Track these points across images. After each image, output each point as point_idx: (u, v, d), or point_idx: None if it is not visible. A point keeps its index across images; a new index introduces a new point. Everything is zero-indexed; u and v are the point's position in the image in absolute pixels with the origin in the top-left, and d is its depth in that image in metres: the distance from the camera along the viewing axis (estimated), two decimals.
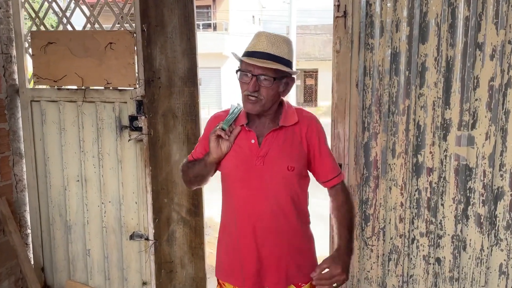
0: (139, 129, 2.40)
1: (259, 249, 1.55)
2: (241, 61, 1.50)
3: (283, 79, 1.52)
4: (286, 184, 1.54)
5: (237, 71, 1.52)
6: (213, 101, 18.77)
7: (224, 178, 1.63)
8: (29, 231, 2.79)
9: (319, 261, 1.52)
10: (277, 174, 1.52)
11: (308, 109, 1.71)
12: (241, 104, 1.57)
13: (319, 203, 3.17)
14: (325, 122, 1.76)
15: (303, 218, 1.64)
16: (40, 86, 2.58)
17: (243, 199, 1.56)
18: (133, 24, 2.38)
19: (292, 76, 1.54)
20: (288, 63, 1.49)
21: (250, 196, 1.54)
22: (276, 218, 1.54)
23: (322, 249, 2.07)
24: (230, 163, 1.56)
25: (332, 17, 2.06)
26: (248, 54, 1.48)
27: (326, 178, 1.62)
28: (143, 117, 2.38)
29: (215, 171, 1.65)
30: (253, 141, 1.54)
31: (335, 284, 1.43)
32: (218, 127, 1.55)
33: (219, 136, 1.54)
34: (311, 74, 22.47)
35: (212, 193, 2.02)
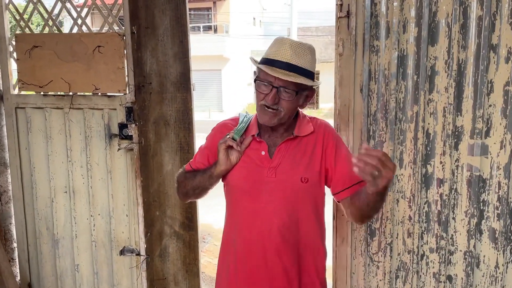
0: (129, 137, 2.32)
1: (269, 271, 1.45)
2: (260, 69, 1.39)
3: (305, 91, 1.43)
4: (299, 196, 1.44)
5: (255, 80, 1.41)
6: (214, 103, 18.77)
7: (230, 191, 1.53)
8: (15, 245, 2.71)
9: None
10: (289, 186, 1.43)
11: (309, 111, 1.60)
12: (249, 114, 1.49)
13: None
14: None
15: (319, 233, 1.54)
16: (25, 92, 2.50)
17: (251, 214, 1.45)
18: (123, 27, 2.29)
19: (314, 88, 1.45)
20: (311, 74, 1.40)
21: (259, 211, 1.44)
22: (289, 233, 1.44)
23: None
24: (238, 174, 1.47)
25: (334, 19, 1.95)
26: (268, 62, 1.38)
27: (344, 186, 1.46)
28: (133, 125, 2.30)
29: (217, 182, 1.55)
30: (263, 152, 1.45)
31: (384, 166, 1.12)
32: (228, 136, 1.45)
33: (229, 147, 1.44)
34: None
35: (212, 199, 1.92)
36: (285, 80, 1.33)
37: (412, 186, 1.94)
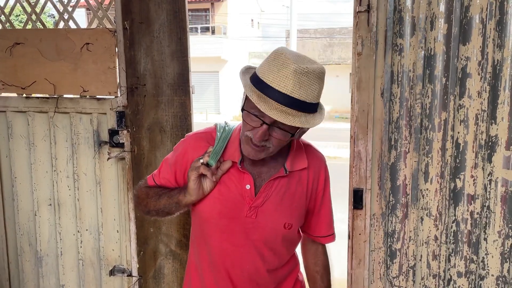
0: (120, 145, 2.19)
1: None
2: (248, 97, 1.14)
3: (303, 128, 1.21)
4: (278, 242, 1.29)
5: (242, 110, 1.17)
6: (211, 105, 18.95)
7: (200, 222, 1.32)
8: None
9: None
10: (269, 231, 1.25)
11: None
12: (230, 124, 1.27)
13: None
14: (326, 127, 1.49)
15: (295, 269, 1.46)
16: (6, 94, 2.36)
17: (220, 254, 1.28)
18: (114, 22, 2.15)
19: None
20: (315, 107, 1.17)
21: (230, 253, 1.27)
22: (262, 279, 1.30)
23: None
24: (211, 207, 1.26)
25: (332, 21, 1.80)
26: (264, 89, 1.10)
27: (320, 233, 1.40)
28: (125, 131, 2.18)
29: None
30: (248, 186, 1.24)
31: None
32: (201, 161, 1.22)
33: (202, 175, 1.22)
34: None
35: None
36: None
37: (439, 203, 1.81)
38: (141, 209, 1.43)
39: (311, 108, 1.13)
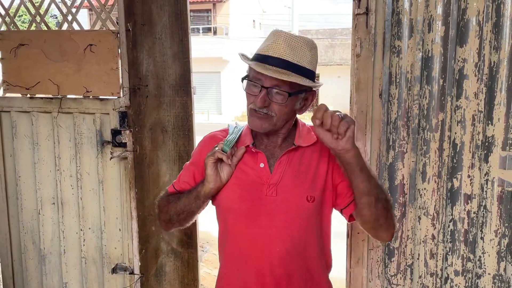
0: (123, 145, 2.21)
1: None
2: (250, 67, 1.22)
3: (302, 93, 1.24)
4: (305, 219, 1.26)
5: (243, 79, 1.24)
6: (213, 106, 18.89)
7: (222, 214, 1.34)
8: None
9: None
10: (294, 207, 1.25)
11: (309, 114, 1.41)
12: (240, 124, 1.31)
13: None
14: None
15: (326, 261, 1.37)
16: (11, 95, 2.38)
17: (250, 241, 1.27)
18: (117, 23, 2.16)
19: (313, 90, 1.27)
20: (310, 74, 1.22)
21: (259, 237, 1.26)
22: (293, 264, 1.27)
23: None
24: (232, 193, 1.27)
25: (334, 22, 1.83)
26: (260, 58, 1.20)
27: (350, 198, 1.29)
28: (127, 131, 2.19)
29: (206, 204, 1.36)
30: (262, 164, 1.26)
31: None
32: (217, 148, 1.25)
33: (218, 160, 1.25)
34: None
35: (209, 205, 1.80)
36: (276, 79, 1.16)
37: (436, 202, 1.83)
38: (163, 219, 1.42)
39: (306, 73, 1.21)
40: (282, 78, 1.14)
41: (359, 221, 1.30)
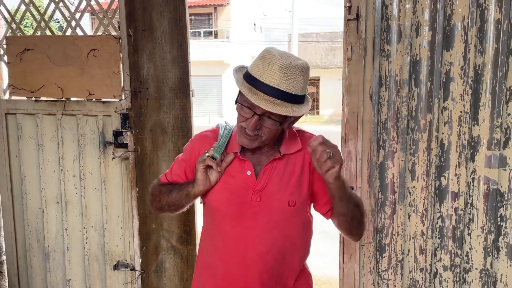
0: (124, 145, 2.25)
1: None
2: (241, 92, 1.27)
3: (291, 118, 1.31)
4: (286, 222, 1.34)
5: (236, 102, 1.29)
6: (214, 109, 18.87)
7: (209, 213, 1.42)
8: (4, 257, 2.61)
9: None
10: (276, 210, 1.33)
11: (309, 117, 1.48)
12: (230, 123, 1.38)
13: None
14: (327, 130, 1.56)
15: (304, 258, 1.46)
16: (16, 98, 2.43)
17: (233, 239, 1.35)
18: (119, 29, 2.21)
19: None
20: (301, 99, 1.27)
21: (242, 236, 1.34)
22: (274, 262, 1.35)
23: (328, 268, 1.83)
24: (220, 196, 1.35)
25: (334, 25, 1.86)
26: (252, 81, 1.23)
27: (329, 206, 1.39)
28: (129, 133, 2.23)
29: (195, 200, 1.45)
30: (249, 172, 1.34)
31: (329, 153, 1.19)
32: (207, 154, 1.33)
33: (208, 167, 1.33)
34: (313, 82, 22.43)
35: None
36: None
37: (425, 200, 1.87)
38: (155, 206, 1.52)
39: (297, 99, 1.25)
40: (276, 111, 1.19)
41: (334, 225, 1.42)
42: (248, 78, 1.25)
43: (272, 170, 1.34)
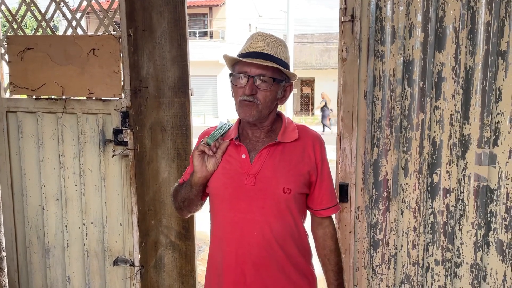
0: (124, 143, 2.26)
1: (247, 286, 1.37)
2: (234, 65, 1.37)
3: (282, 82, 1.38)
4: (281, 208, 1.36)
5: (230, 74, 1.37)
6: (209, 109, 18.83)
7: (211, 200, 1.47)
8: (3, 254, 2.61)
9: None
10: (270, 196, 1.35)
11: (304, 117, 1.54)
12: (231, 121, 1.44)
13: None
14: (321, 130, 1.59)
15: (302, 251, 1.45)
16: (17, 96, 2.43)
17: (230, 224, 1.38)
18: (119, 29, 2.23)
19: (291, 81, 1.41)
20: (286, 66, 1.37)
21: (238, 220, 1.37)
22: (269, 248, 1.36)
23: None
24: (217, 181, 1.40)
25: (329, 26, 1.91)
26: (243, 56, 1.35)
27: (323, 205, 1.45)
28: (128, 131, 2.24)
29: (204, 194, 1.48)
30: (243, 156, 1.38)
31: None
32: (202, 142, 1.39)
33: (203, 152, 1.39)
34: (308, 82, 22.48)
35: (206, 206, 1.86)
36: (261, 66, 1.30)
37: (417, 196, 1.90)
38: (175, 206, 1.57)
39: (283, 65, 1.36)
40: (266, 64, 1.29)
41: (314, 227, 1.52)
42: (238, 54, 1.39)
43: (268, 156, 1.37)
